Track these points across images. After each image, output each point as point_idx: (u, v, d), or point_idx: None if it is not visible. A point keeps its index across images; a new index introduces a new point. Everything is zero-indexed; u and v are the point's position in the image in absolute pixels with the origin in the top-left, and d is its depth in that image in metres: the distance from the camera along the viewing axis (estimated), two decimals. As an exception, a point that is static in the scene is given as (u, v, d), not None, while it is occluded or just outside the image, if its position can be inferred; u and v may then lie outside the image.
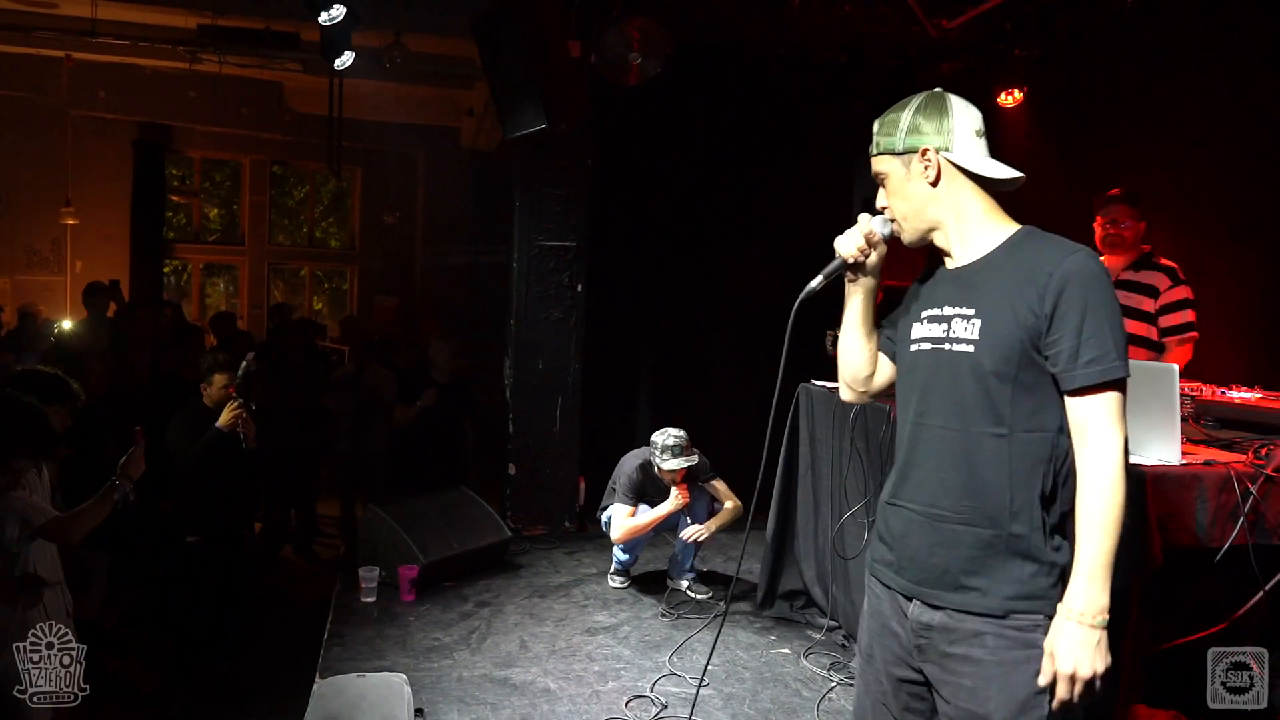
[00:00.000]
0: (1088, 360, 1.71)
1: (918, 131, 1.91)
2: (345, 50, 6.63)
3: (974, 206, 1.91)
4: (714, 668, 3.99)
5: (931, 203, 1.92)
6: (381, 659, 3.97)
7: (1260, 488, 2.50)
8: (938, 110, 1.91)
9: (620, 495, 4.78)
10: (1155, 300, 4.07)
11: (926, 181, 1.91)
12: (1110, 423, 1.71)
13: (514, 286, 6.16)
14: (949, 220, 1.92)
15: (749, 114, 6.66)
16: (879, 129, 1.98)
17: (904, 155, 1.92)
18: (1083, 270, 1.73)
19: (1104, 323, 1.71)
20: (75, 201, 10.78)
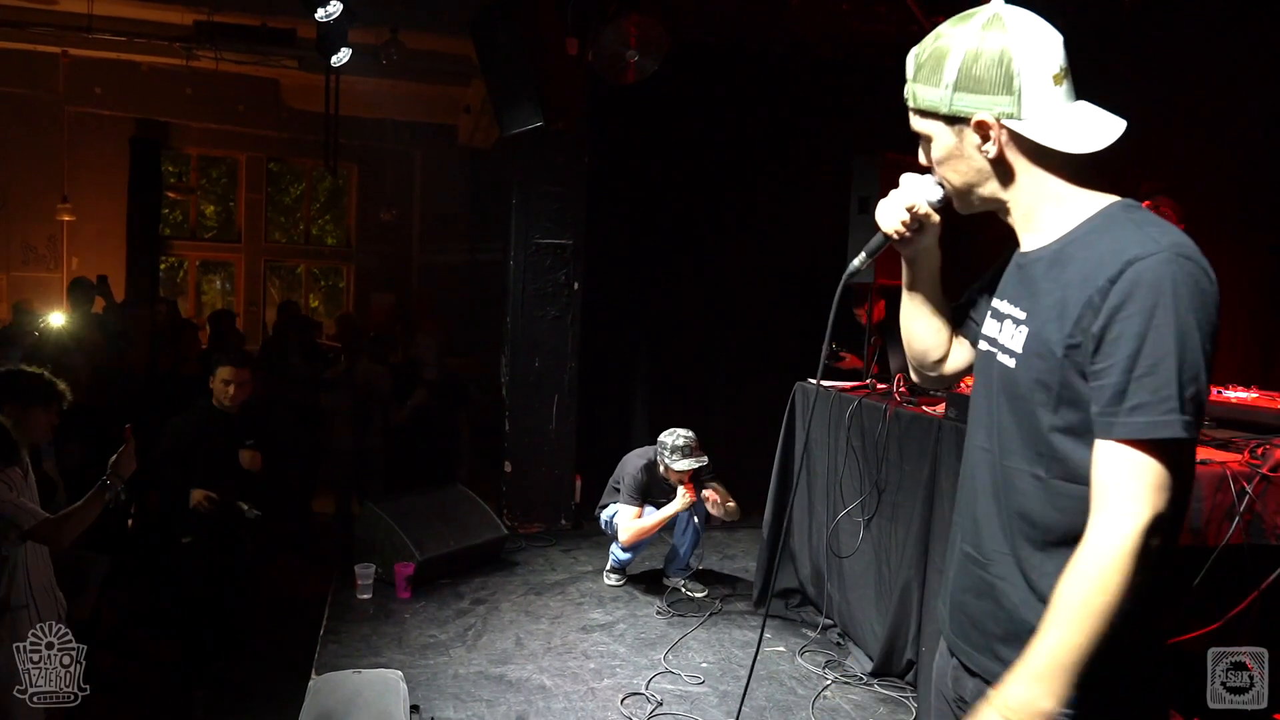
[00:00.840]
0: (1133, 406, 1.25)
1: (974, 87, 1.38)
2: (342, 47, 6.62)
3: (1051, 184, 1.42)
4: (708, 665, 4.00)
5: (995, 179, 1.45)
6: (377, 656, 3.97)
7: (1256, 487, 2.51)
8: (997, 50, 1.36)
9: (625, 496, 4.78)
10: None
11: (985, 157, 1.43)
12: (1141, 492, 1.24)
13: (510, 284, 6.16)
14: (1019, 201, 1.45)
15: (746, 112, 6.66)
16: (915, 70, 1.46)
17: (953, 121, 1.43)
18: (1157, 278, 1.24)
19: (1168, 355, 1.24)
20: (72, 198, 10.75)
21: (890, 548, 3.86)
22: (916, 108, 1.48)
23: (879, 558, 3.96)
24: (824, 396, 4.39)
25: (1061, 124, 1.38)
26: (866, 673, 3.92)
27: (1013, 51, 1.36)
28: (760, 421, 5.52)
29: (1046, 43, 1.38)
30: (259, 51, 9.20)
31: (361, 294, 12.80)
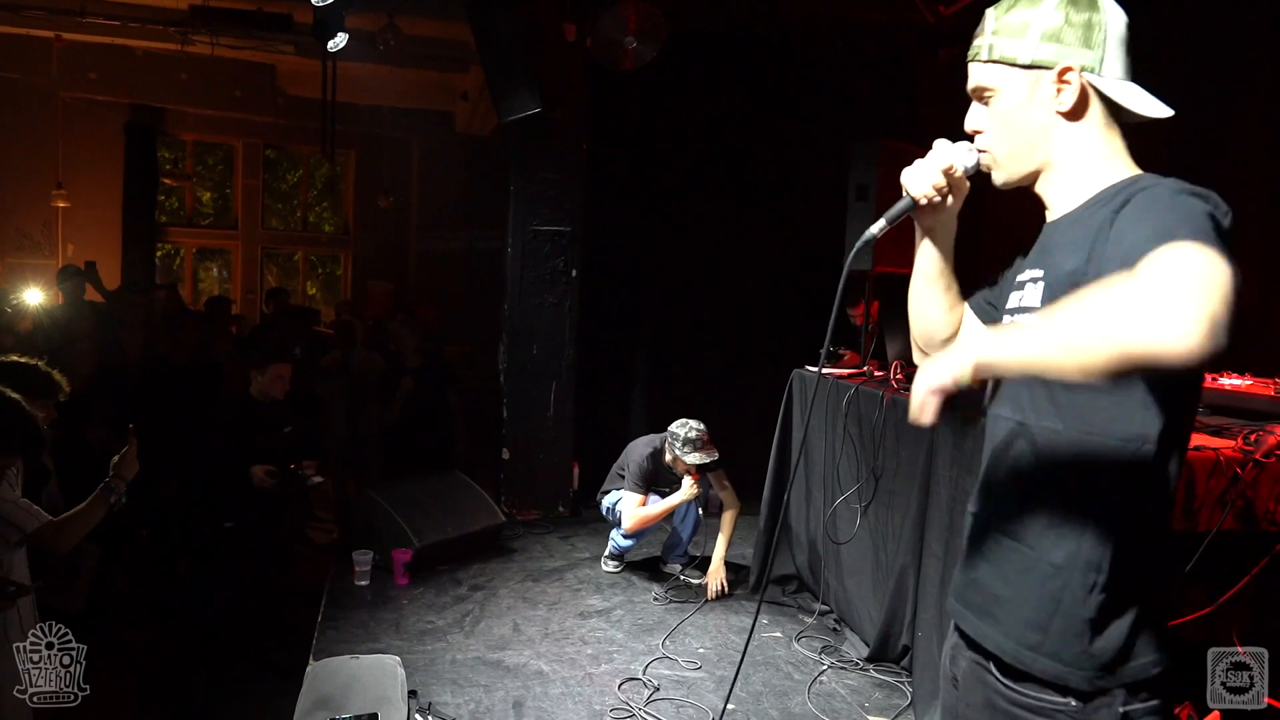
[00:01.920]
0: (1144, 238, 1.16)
1: (1059, 39, 1.39)
2: (338, 32, 6.61)
3: (1104, 148, 1.42)
4: (705, 651, 4.02)
5: (1053, 137, 1.43)
6: (375, 642, 3.99)
7: (1249, 473, 2.52)
8: (1088, 5, 1.39)
9: (630, 483, 4.78)
10: None
11: (1057, 110, 1.41)
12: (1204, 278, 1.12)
13: (509, 271, 6.15)
14: (1068, 162, 1.43)
15: (744, 99, 6.65)
16: (997, 24, 1.45)
17: (1031, 70, 1.41)
18: (1153, 185, 1.27)
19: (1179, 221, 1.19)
20: (66, 184, 10.72)
21: (887, 534, 3.87)
22: (991, 59, 1.46)
23: (875, 544, 3.97)
24: (822, 383, 4.40)
25: (1130, 90, 1.42)
26: (862, 658, 3.94)
27: (1102, 16, 1.40)
28: (758, 408, 5.53)
29: (1122, 18, 1.43)
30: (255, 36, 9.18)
31: (359, 281, 12.79)
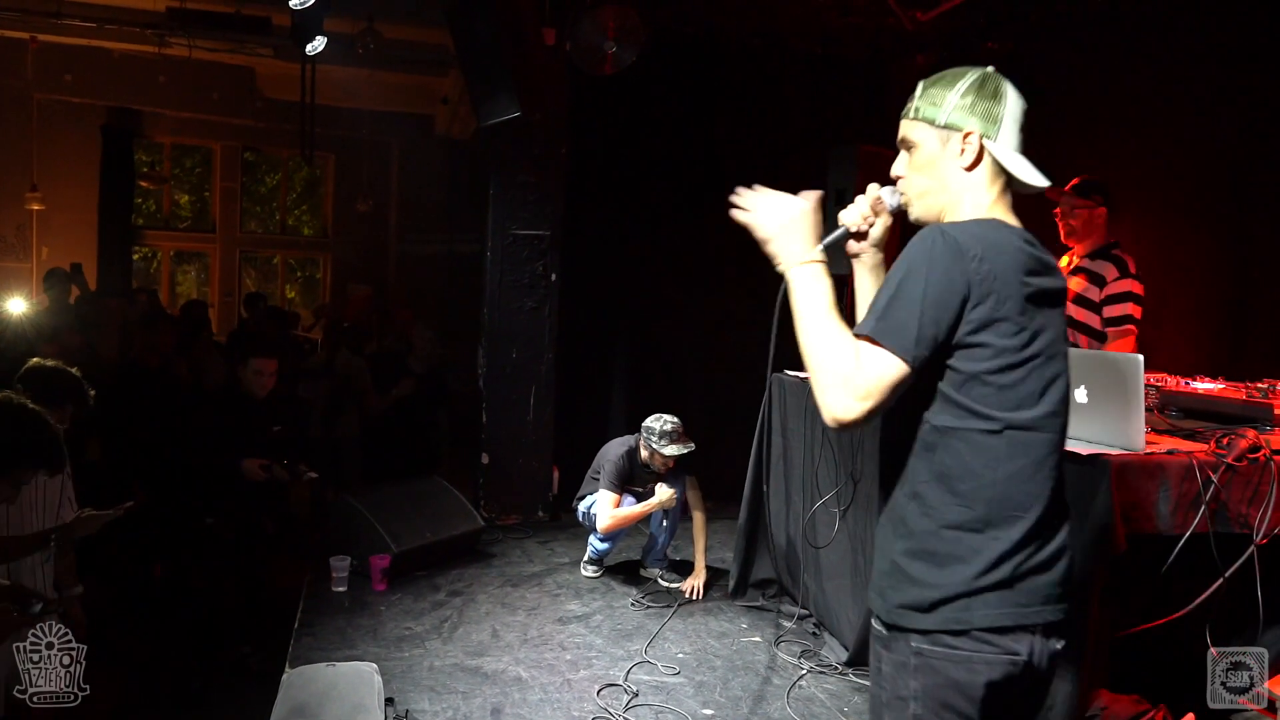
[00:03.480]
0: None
1: (968, 111, 1.75)
2: (317, 35, 6.58)
3: (985, 198, 1.77)
4: (685, 656, 4.02)
5: (953, 186, 1.78)
6: (352, 648, 3.96)
7: (1222, 476, 2.55)
8: (992, 93, 1.76)
9: (605, 483, 4.76)
10: (1101, 290, 4.09)
11: (960, 165, 1.76)
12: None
13: (488, 275, 6.13)
14: (961, 205, 1.77)
15: (723, 104, 6.66)
16: (922, 94, 1.81)
17: (944, 130, 1.77)
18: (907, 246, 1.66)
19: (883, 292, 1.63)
20: (42, 187, 10.61)
21: (866, 538, 3.88)
22: (916, 118, 1.80)
23: (854, 548, 3.98)
24: (800, 388, 4.41)
25: (1017, 159, 1.77)
26: (842, 662, 3.94)
27: (1004, 97, 1.77)
28: (737, 412, 5.54)
29: (1020, 102, 1.80)
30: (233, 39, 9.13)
31: (338, 284, 12.72)
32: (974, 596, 1.60)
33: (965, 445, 1.62)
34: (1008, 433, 1.62)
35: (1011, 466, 1.62)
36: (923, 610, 1.63)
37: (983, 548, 1.61)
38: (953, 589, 1.61)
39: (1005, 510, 1.61)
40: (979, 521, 1.61)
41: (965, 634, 1.60)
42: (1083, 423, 2.72)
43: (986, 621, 1.59)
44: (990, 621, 1.59)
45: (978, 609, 1.59)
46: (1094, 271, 4.15)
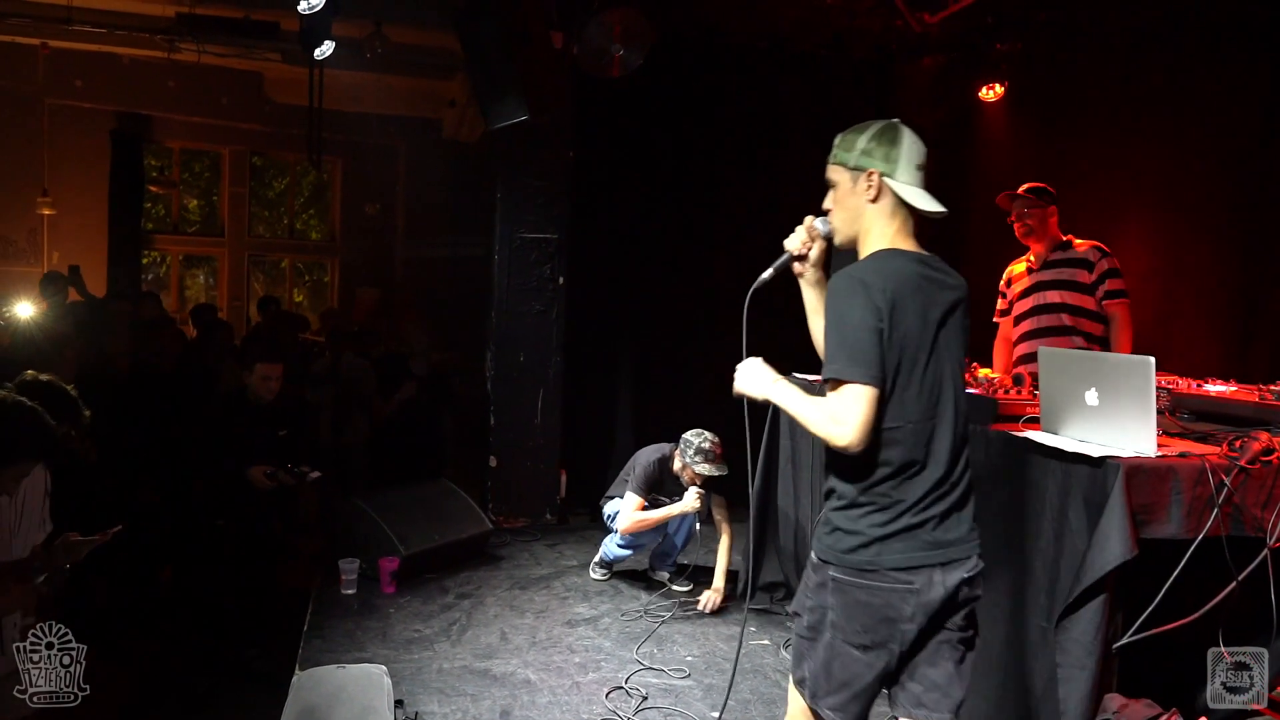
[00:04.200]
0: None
1: (870, 154, 2.17)
2: (325, 40, 6.58)
3: (889, 227, 2.18)
4: (693, 659, 4.02)
5: (864, 216, 2.20)
6: (361, 651, 3.96)
7: (1235, 479, 2.53)
8: (891, 140, 2.17)
9: (633, 486, 4.74)
10: (1091, 272, 4.28)
11: (866, 198, 2.18)
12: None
13: (495, 279, 6.14)
14: (872, 233, 2.20)
15: (731, 107, 6.66)
16: (839, 143, 2.24)
17: (854, 171, 2.19)
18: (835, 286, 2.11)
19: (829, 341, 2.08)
20: (52, 192, 10.66)
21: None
22: (834, 162, 2.23)
23: (863, 551, 3.96)
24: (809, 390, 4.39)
25: (915, 193, 2.16)
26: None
27: (899, 142, 2.17)
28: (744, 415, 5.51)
29: (918, 146, 2.19)
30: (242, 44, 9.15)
31: (346, 288, 12.74)
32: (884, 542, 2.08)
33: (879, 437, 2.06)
34: (906, 427, 2.07)
35: (913, 449, 2.08)
36: (845, 551, 2.12)
37: (890, 505, 2.08)
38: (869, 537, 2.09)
39: (909, 477, 2.08)
40: (890, 486, 2.08)
41: (875, 571, 2.08)
42: (1093, 425, 2.71)
43: (892, 563, 2.08)
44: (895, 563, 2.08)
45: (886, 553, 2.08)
46: (1069, 259, 4.36)
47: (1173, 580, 2.48)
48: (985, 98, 6.22)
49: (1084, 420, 2.74)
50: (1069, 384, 2.79)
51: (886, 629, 2.10)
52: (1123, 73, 5.29)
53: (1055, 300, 4.34)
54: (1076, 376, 2.77)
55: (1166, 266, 4.45)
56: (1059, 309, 4.32)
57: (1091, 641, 2.53)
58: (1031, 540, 2.83)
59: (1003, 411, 3.12)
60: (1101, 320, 4.27)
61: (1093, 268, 4.27)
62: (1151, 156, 5.04)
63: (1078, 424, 2.77)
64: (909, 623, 2.09)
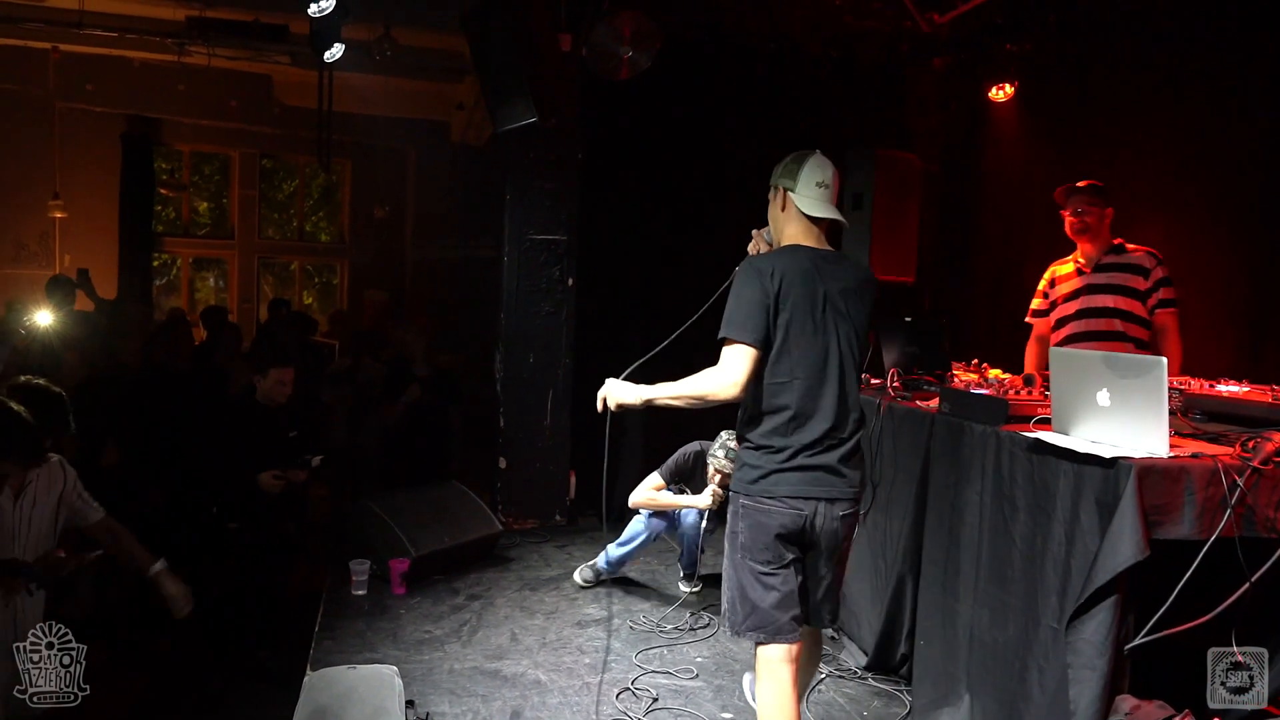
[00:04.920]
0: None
1: (782, 175, 2.91)
2: (335, 43, 6.60)
3: (797, 230, 2.88)
4: (704, 660, 4.02)
5: (778, 221, 2.95)
6: (372, 651, 3.97)
7: (1247, 480, 2.52)
8: (798, 163, 2.88)
9: (661, 470, 4.77)
10: (1146, 279, 4.23)
11: (778, 207, 2.93)
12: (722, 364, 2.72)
13: (504, 281, 6.15)
14: (784, 234, 2.91)
15: (740, 108, 6.65)
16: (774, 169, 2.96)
17: (773, 189, 2.95)
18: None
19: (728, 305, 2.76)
20: (63, 194, 10.70)
21: (885, 542, 3.87)
22: (771, 182, 2.96)
23: (873, 552, 3.97)
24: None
25: (809, 202, 2.85)
26: (861, 667, 3.93)
27: (805, 164, 2.88)
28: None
29: (823, 169, 2.88)
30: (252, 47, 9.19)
31: (355, 290, 12.76)
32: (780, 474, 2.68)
33: (775, 389, 2.70)
34: (795, 382, 2.68)
35: (803, 401, 2.68)
36: (750, 482, 2.72)
37: (785, 447, 2.68)
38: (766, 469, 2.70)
39: (800, 424, 2.68)
40: (785, 430, 2.68)
41: (773, 498, 2.68)
42: (1105, 426, 2.70)
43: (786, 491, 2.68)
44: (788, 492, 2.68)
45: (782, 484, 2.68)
46: (1124, 264, 4.29)
47: (1185, 581, 2.47)
48: (995, 98, 6.21)
49: (1095, 421, 2.73)
50: (1080, 384, 2.78)
51: (781, 547, 2.68)
52: (1133, 73, 5.28)
53: (1108, 305, 4.27)
54: (1088, 377, 2.76)
55: (1178, 266, 4.42)
56: (1111, 314, 4.26)
57: (1103, 642, 2.52)
58: (1042, 541, 2.82)
59: (1014, 412, 3.12)
60: (1150, 327, 4.23)
61: (1148, 274, 4.21)
62: (1162, 156, 5.02)
63: (1089, 425, 2.76)
64: (799, 544, 2.70)
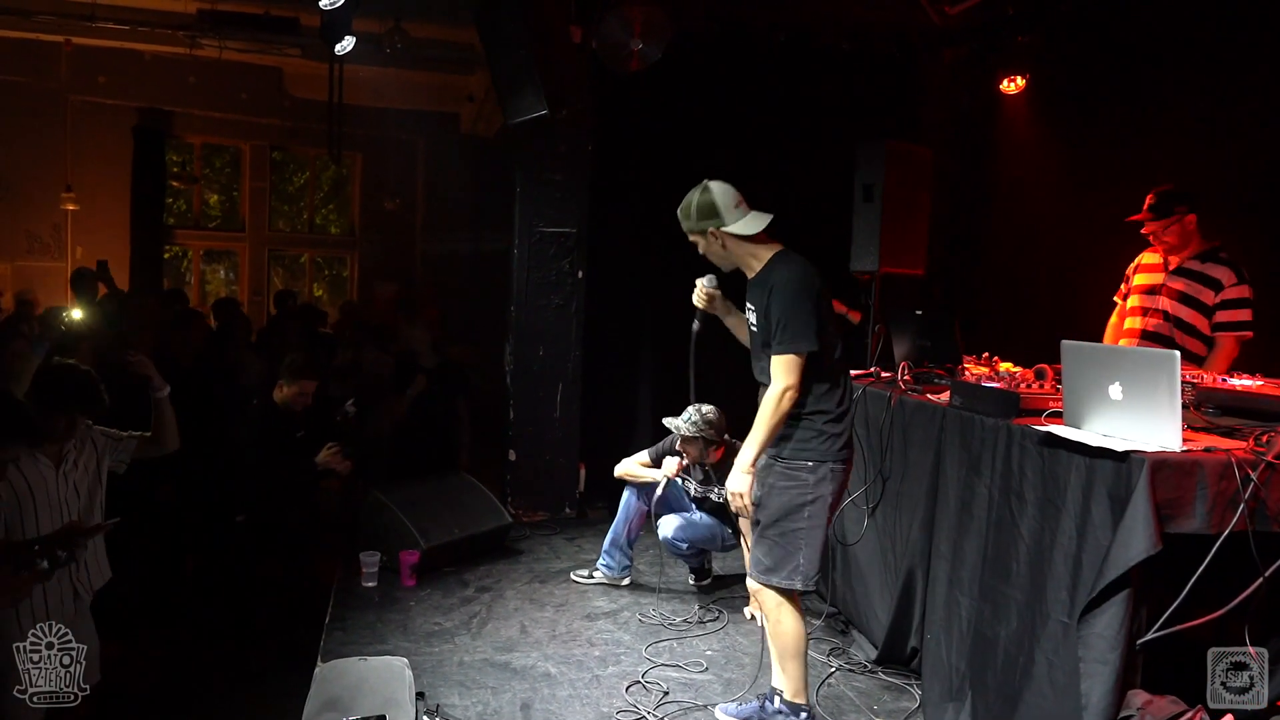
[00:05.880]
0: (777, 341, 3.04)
1: (704, 218, 3.15)
2: (345, 35, 6.61)
3: (747, 249, 3.19)
4: (713, 653, 4.02)
5: (727, 255, 3.22)
6: (383, 643, 3.99)
7: (1261, 474, 2.50)
8: (708, 202, 3.14)
9: (651, 449, 4.82)
10: (1216, 294, 4.06)
11: (719, 246, 3.19)
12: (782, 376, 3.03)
13: (515, 273, 6.15)
14: (739, 259, 3.22)
15: (750, 100, 6.62)
16: (682, 216, 3.24)
17: (702, 234, 3.20)
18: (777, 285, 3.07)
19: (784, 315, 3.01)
20: (75, 187, 10.75)
21: (895, 536, 3.86)
22: (688, 230, 3.25)
23: (883, 546, 3.96)
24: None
25: (743, 223, 3.14)
26: (871, 660, 3.93)
27: (713, 197, 3.16)
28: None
29: (728, 192, 3.16)
30: (262, 40, 9.21)
31: (365, 283, 12.79)
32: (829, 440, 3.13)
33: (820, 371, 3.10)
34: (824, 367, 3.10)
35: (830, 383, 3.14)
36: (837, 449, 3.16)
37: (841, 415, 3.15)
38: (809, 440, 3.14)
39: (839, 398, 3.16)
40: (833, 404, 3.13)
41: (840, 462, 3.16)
42: (1118, 419, 2.69)
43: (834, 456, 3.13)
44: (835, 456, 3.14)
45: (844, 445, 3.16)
46: (1204, 274, 4.11)
47: (1198, 576, 2.46)
48: (1006, 90, 6.17)
49: (1108, 414, 2.72)
50: (1093, 378, 2.77)
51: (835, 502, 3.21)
52: (1144, 64, 5.24)
53: (1170, 311, 4.16)
54: (1100, 370, 2.75)
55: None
56: (1172, 321, 4.15)
57: (1115, 637, 2.51)
58: (1050, 535, 2.81)
59: (1025, 406, 3.11)
60: (1209, 343, 4.08)
61: (1219, 290, 4.05)
62: (1174, 148, 4.98)
63: (1102, 418, 2.74)
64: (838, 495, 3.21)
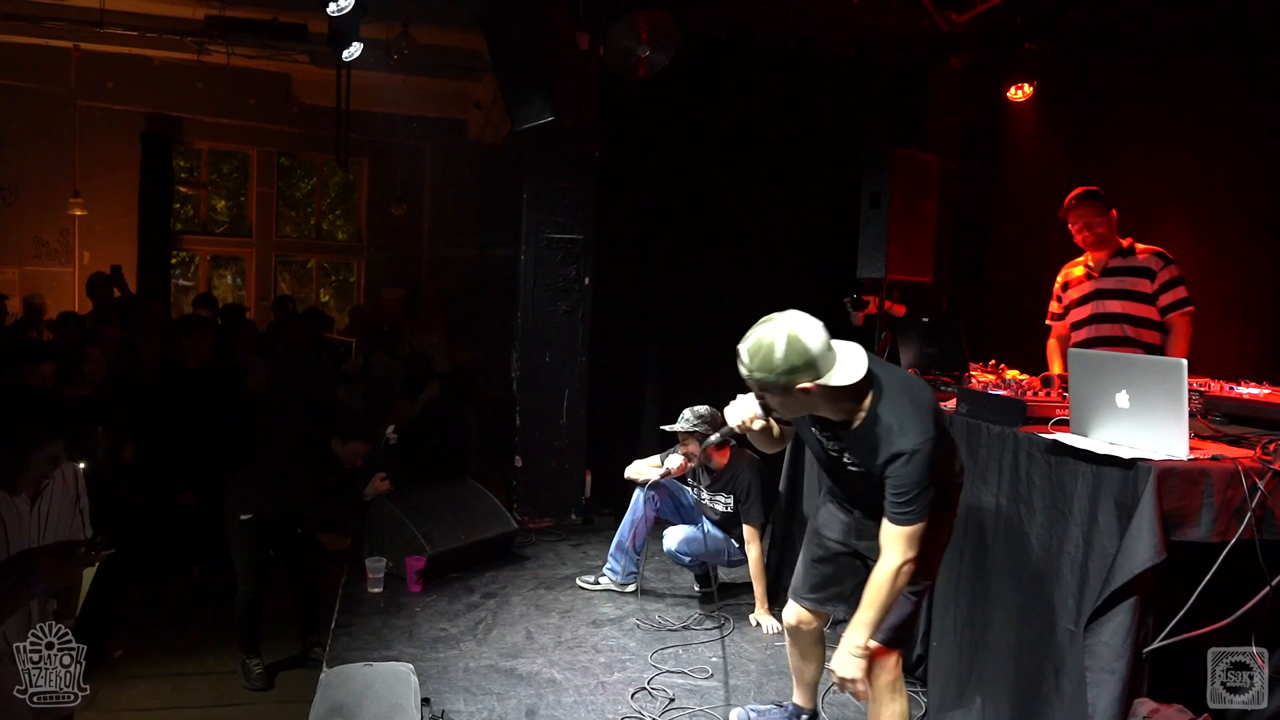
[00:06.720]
0: (895, 511, 2.55)
1: (794, 374, 2.49)
2: (353, 41, 6.63)
3: (843, 395, 2.57)
4: (719, 660, 4.02)
5: (810, 403, 2.60)
6: (388, 649, 3.99)
7: (1268, 483, 2.50)
8: (802, 353, 2.48)
9: (663, 452, 4.81)
10: (1153, 281, 4.18)
11: (808, 397, 2.54)
12: (900, 548, 2.55)
13: (521, 279, 6.16)
14: (826, 408, 2.62)
15: (757, 107, 6.63)
16: (752, 362, 2.57)
17: (786, 389, 2.53)
18: (900, 468, 2.52)
19: (912, 489, 2.51)
20: (83, 192, 10.79)
21: (900, 543, 3.84)
22: (756, 380, 2.59)
23: (889, 553, 3.94)
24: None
25: (838, 371, 2.52)
26: (876, 668, 3.90)
27: (807, 348, 2.49)
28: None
29: (816, 333, 2.52)
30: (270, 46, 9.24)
31: (372, 288, 12.83)
32: None
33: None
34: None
35: None
36: None
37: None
38: None
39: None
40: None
41: None
42: (1124, 428, 2.68)
43: None
44: None
45: None
46: (1134, 266, 4.23)
47: (1204, 585, 2.46)
48: (1014, 97, 6.17)
49: (1114, 422, 2.72)
50: (1099, 386, 2.77)
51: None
52: (1152, 72, 5.23)
53: (1116, 310, 4.24)
54: (1107, 379, 2.75)
55: (1197, 267, 4.39)
56: (1120, 319, 4.23)
57: (1121, 645, 2.51)
58: (1058, 543, 2.81)
59: (1032, 414, 3.11)
60: (1162, 330, 4.18)
61: (1154, 276, 4.16)
62: (1182, 156, 4.98)
63: (1108, 426, 2.74)
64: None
